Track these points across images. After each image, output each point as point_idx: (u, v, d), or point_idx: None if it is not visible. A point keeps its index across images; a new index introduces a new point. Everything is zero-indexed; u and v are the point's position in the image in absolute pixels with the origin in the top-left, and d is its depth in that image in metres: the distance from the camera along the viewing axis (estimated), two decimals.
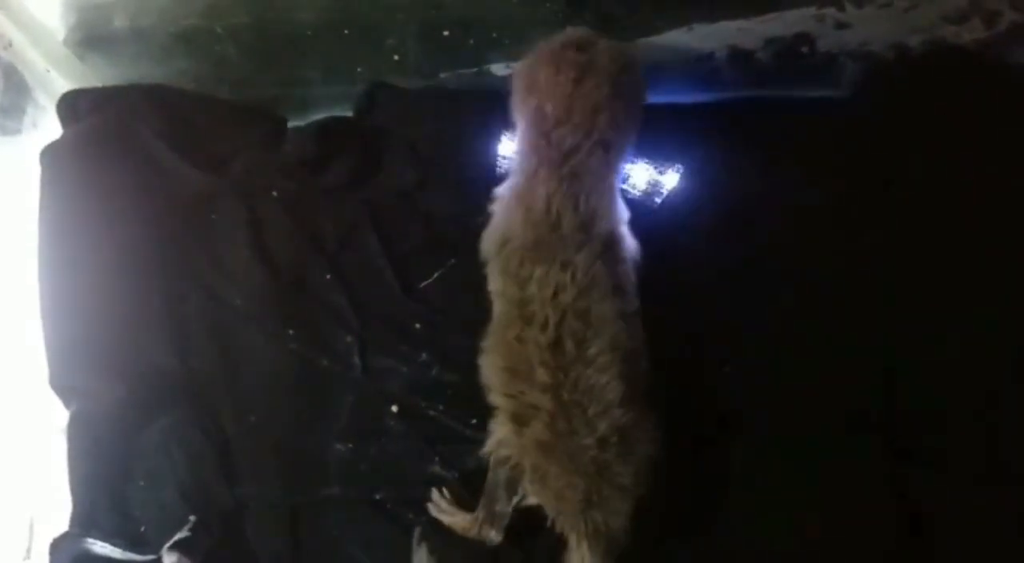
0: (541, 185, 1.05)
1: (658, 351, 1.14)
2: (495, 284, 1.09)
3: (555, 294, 1.02)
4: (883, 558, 1.11)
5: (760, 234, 1.28)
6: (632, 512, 1.02)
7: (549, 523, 1.05)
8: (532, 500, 1.06)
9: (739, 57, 1.30)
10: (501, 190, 1.12)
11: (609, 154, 1.08)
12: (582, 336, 1.01)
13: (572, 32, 1.10)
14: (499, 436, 1.05)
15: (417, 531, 1.12)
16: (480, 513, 1.08)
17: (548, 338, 1.01)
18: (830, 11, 1.22)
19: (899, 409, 1.18)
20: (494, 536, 1.08)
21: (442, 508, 1.12)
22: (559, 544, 1.05)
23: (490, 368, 1.07)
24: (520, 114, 1.11)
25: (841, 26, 1.25)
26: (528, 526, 1.08)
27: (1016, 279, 1.21)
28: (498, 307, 1.08)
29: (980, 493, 1.12)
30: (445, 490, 1.14)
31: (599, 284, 1.03)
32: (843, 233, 1.26)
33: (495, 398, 1.06)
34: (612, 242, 1.06)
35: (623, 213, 1.11)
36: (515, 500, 1.07)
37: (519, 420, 1.03)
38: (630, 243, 1.10)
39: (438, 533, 1.12)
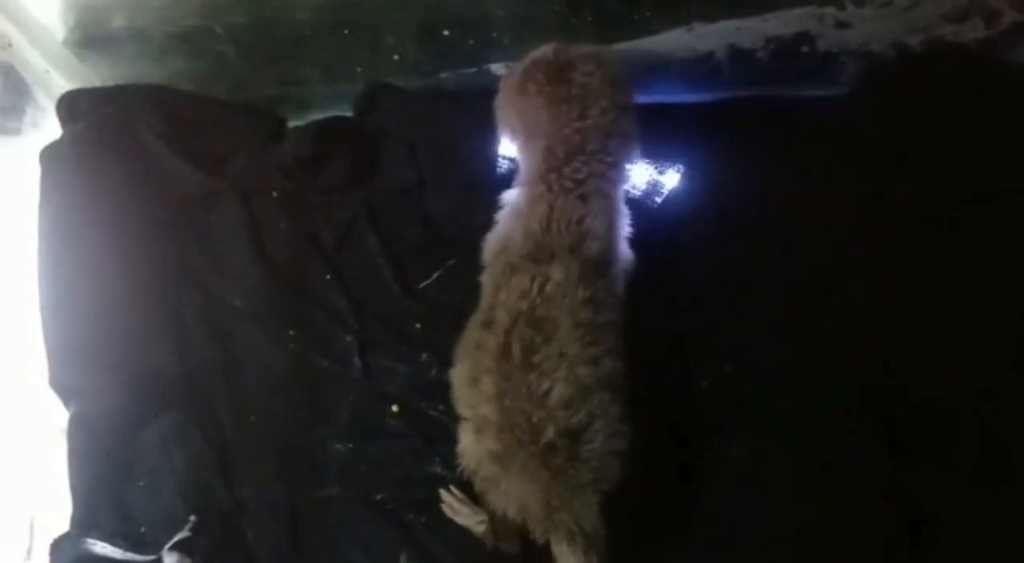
0: (544, 203, 1.05)
1: (657, 349, 1.15)
2: (484, 290, 1.09)
3: (518, 301, 1.02)
4: (881, 555, 1.11)
5: (761, 232, 1.28)
6: (604, 507, 1.01)
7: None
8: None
9: (739, 56, 1.30)
10: (506, 199, 1.12)
11: (616, 171, 1.09)
12: (530, 342, 1.00)
13: (546, 57, 1.08)
14: (462, 447, 1.05)
15: (403, 557, 1.12)
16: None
17: (498, 341, 1.01)
18: (830, 10, 1.22)
19: (898, 407, 1.18)
20: (507, 546, 1.08)
21: (455, 508, 1.12)
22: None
23: (457, 378, 1.07)
24: (525, 152, 1.11)
25: (841, 25, 1.25)
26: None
27: (1014, 276, 1.22)
28: (477, 313, 1.09)
29: (978, 491, 1.12)
30: (453, 488, 1.13)
31: (565, 296, 1.02)
32: (843, 231, 1.26)
33: (460, 408, 1.06)
34: (601, 260, 1.06)
35: (623, 229, 1.11)
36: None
37: (476, 431, 1.03)
38: (624, 257, 1.11)
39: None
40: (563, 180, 1.05)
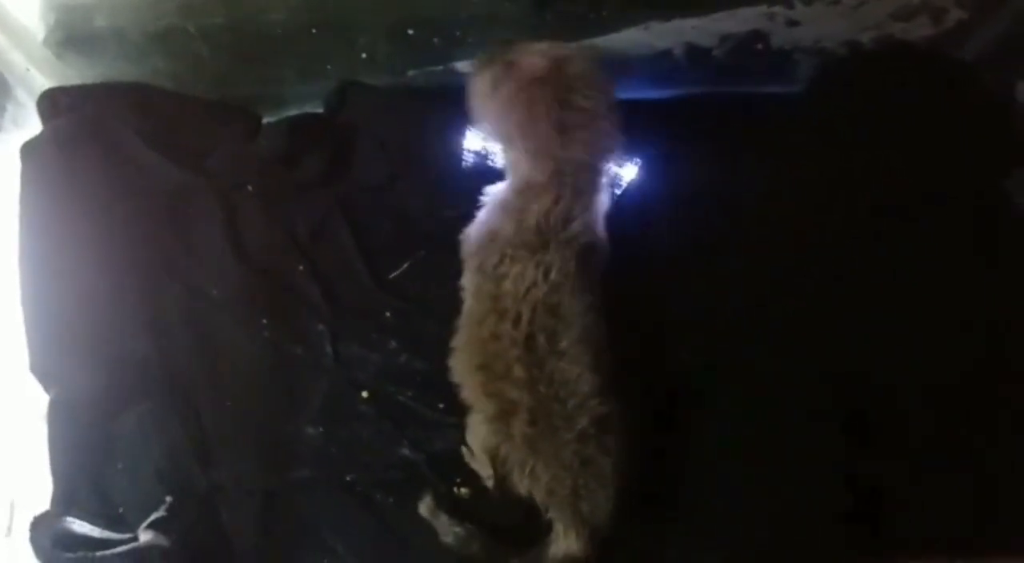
0: (538, 202, 1.08)
1: (621, 341, 1.16)
2: (470, 281, 1.12)
3: (528, 290, 1.05)
4: (841, 530, 1.14)
5: (719, 225, 1.31)
6: (618, 501, 1.05)
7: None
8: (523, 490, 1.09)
9: (697, 54, 1.33)
10: (491, 193, 1.14)
11: (605, 165, 1.13)
12: (552, 330, 1.03)
13: (531, 58, 1.08)
14: (480, 434, 1.09)
15: (427, 500, 1.15)
16: None
17: (522, 333, 1.03)
18: (780, 9, 1.25)
19: (859, 393, 1.21)
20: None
21: (473, 454, 1.15)
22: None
23: (464, 366, 1.09)
24: (513, 151, 1.12)
25: (792, 23, 1.28)
26: None
27: (968, 268, 1.25)
28: (470, 304, 1.11)
29: (930, 474, 1.15)
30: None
31: (571, 281, 1.06)
32: (799, 224, 1.29)
33: (472, 396, 1.09)
34: (590, 246, 1.09)
35: (603, 218, 1.14)
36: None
37: (501, 417, 1.05)
38: (604, 242, 1.14)
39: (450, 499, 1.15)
40: (558, 177, 1.07)
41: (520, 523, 1.12)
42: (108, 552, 1.10)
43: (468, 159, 1.33)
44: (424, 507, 1.14)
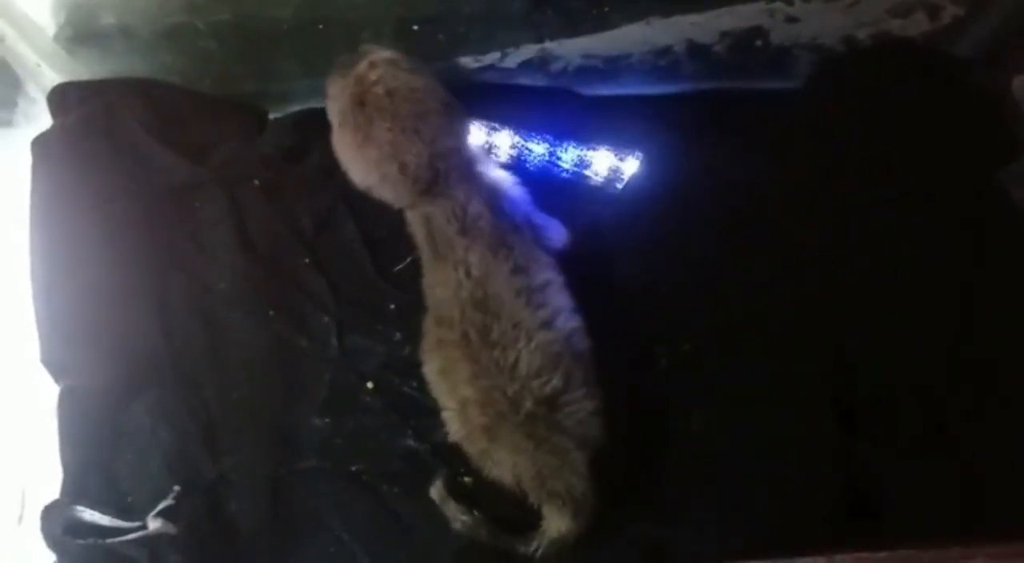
0: (419, 214, 1.13)
1: (618, 328, 1.18)
2: (426, 292, 1.16)
3: (455, 292, 1.08)
4: (829, 523, 1.15)
5: (716, 219, 1.33)
6: (592, 468, 1.06)
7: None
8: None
9: (697, 50, 1.35)
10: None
11: (463, 153, 1.14)
12: (480, 323, 1.06)
13: (339, 91, 1.12)
14: (452, 432, 1.11)
15: (438, 484, 1.16)
16: None
17: (456, 333, 1.06)
18: (780, 5, 1.27)
19: (847, 386, 1.22)
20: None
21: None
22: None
23: (430, 374, 1.13)
24: (375, 185, 1.14)
25: (792, 20, 1.30)
26: None
27: (959, 260, 1.27)
28: (429, 315, 1.15)
29: (918, 464, 1.17)
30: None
31: (493, 272, 1.08)
32: (796, 219, 1.31)
33: (440, 398, 1.12)
34: (500, 232, 1.11)
35: (511, 195, 1.16)
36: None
37: (461, 412, 1.08)
38: (535, 222, 1.16)
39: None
40: (421, 189, 1.10)
41: (520, 510, 1.12)
42: (117, 540, 1.12)
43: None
44: (435, 492, 1.15)
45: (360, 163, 1.13)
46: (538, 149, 1.34)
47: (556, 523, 1.07)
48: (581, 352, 1.09)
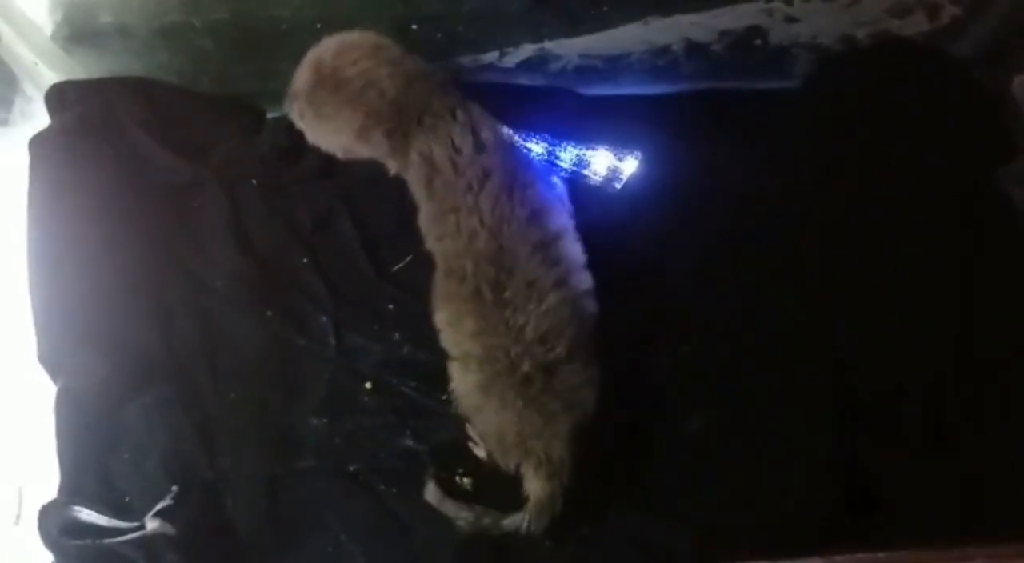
0: (417, 150, 1.10)
1: (616, 328, 1.17)
2: (435, 252, 1.14)
3: (470, 241, 1.06)
4: (828, 523, 1.15)
5: (718, 218, 1.33)
6: (574, 435, 1.06)
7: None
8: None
9: (695, 50, 1.35)
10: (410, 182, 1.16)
11: (443, 79, 1.13)
12: (495, 279, 1.04)
13: (310, 76, 1.13)
14: (453, 382, 1.11)
15: (431, 486, 1.16)
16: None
17: (468, 288, 1.05)
18: (778, 5, 1.28)
19: (847, 385, 1.23)
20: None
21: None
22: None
23: (440, 322, 1.12)
24: (362, 148, 1.16)
25: (790, 19, 1.30)
26: None
27: (959, 260, 1.27)
28: (437, 272, 1.13)
29: (920, 464, 1.17)
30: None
31: (505, 220, 1.06)
32: (795, 217, 1.31)
33: (447, 348, 1.11)
34: (509, 170, 1.08)
35: (511, 136, 1.14)
36: None
37: (462, 365, 1.08)
38: (536, 163, 1.14)
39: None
40: (410, 115, 1.09)
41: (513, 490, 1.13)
42: (115, 540, 1.11)
43: None
44: (429, 494, 1.15)
45: (340, 114, 1.11)
46: (537, 149, 1.33)
47: (533, 484, 1.07)
48: (589, 317, 1.09)
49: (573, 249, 1.10)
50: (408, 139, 1.11)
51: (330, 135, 1.16)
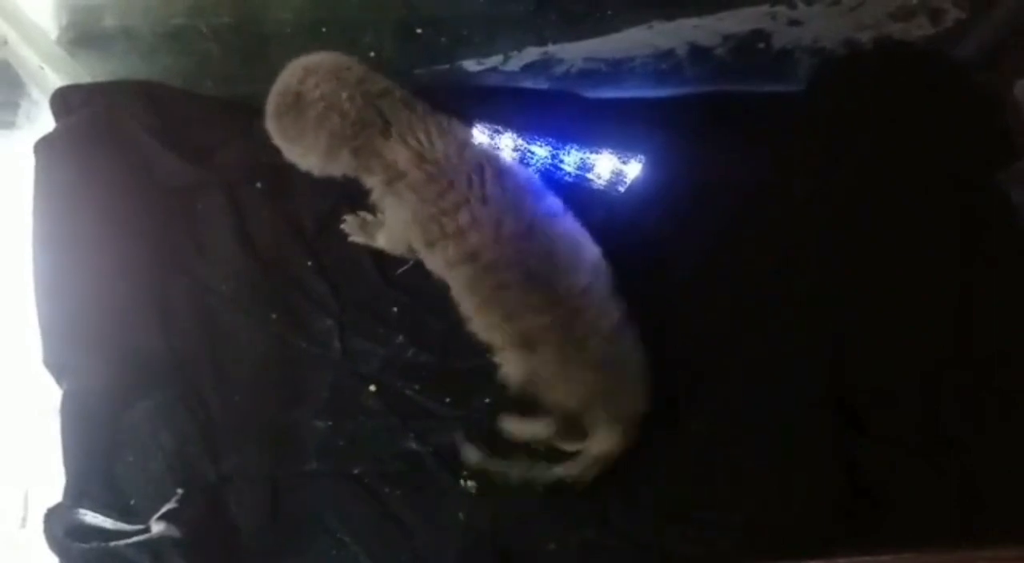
0: (381, 163, 1.14)
1: None
2: (442, 262, 1.16)
3: (496, 230, 1.09)
4: (830, 521, 1.16)
5: (721, 220, 1.34)
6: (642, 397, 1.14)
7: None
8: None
9: (699, 53, 1.35)
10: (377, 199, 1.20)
11: (404, 93, 1.15)
12: (540, 252, 1.09)
13: (276, 104, 1.17)
14: (516, 365, 1.14)
15: (470, 449, 1.19)
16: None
17: (517, 274, 1.09)
18: (782, 8, 1.27)
19: (848, 384, 1.23)
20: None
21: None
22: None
23: (487, 321, 1.14)
24: (335, 167, 1.18)
25: (794, 23, 1.30)
26: None
27: (960, 261, 1.28)
28: (458, 278, 1.15)
29: (918, 462, 1.17)
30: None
31: (507, 191, 1.11)
32: (798, 219, 1.32)
33: (500, 340, 1.14)
34: (485, 161, 1.12)
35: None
36: None
37: (527, 344, 1.12)
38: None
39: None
40: (377, 130, 1.12)
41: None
42: (121, 543, 1.12)
43: None
44: (471, 454, 1.19)
45: (305, 138, 1.15)
46: (541, 152, 1.34)
47: (602, 440, 1.14)
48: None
49: (571, 224, 1.15)
50: (375, 154, 1.14)
51: (300, 156, 1.19)
